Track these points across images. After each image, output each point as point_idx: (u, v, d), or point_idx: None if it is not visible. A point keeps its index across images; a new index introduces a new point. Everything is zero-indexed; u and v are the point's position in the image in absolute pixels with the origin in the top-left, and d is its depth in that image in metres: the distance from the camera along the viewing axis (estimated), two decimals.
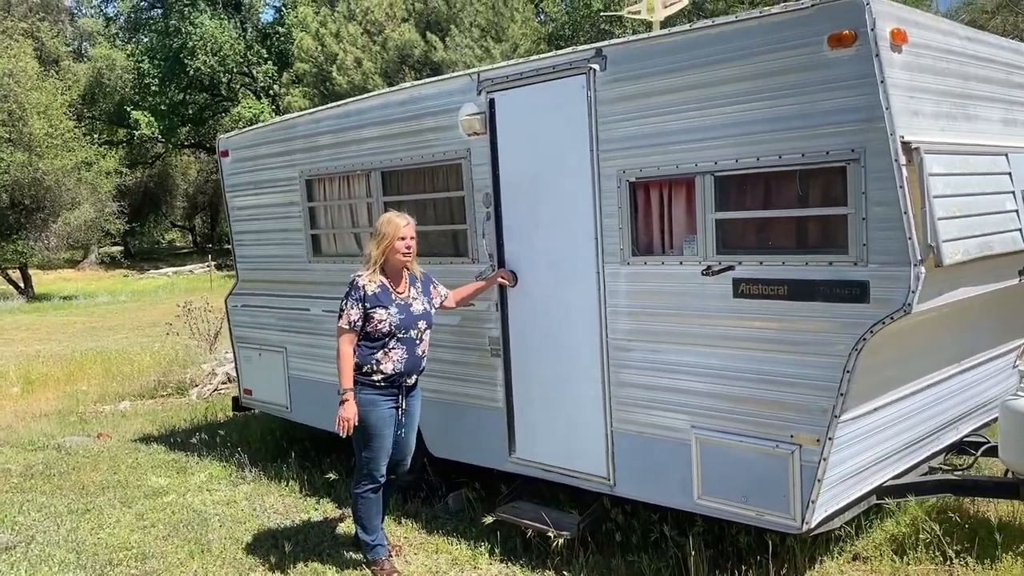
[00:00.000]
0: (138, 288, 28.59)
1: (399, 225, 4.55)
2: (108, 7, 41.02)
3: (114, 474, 6.87)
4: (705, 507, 4.14)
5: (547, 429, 4.78)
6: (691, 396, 4.14)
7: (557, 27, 26.69)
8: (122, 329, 17.36)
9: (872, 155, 3.45)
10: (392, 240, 4.52)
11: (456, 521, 5.34)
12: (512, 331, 4.92)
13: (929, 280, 3.46)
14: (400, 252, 4.53)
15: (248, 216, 6.90)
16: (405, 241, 4.53)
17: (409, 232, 4.56)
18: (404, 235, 4.53)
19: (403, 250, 4.53)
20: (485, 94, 4.84)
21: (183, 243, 50.65)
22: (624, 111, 4.22)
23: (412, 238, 4.57)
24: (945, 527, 4.38)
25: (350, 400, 4.45)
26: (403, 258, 4.55)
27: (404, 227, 4.55)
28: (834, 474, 3.79)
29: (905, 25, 3.57)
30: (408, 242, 4.55)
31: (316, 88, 23.96)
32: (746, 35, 3.75)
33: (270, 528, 5.46)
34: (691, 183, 4.03)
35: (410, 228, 4.58)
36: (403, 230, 4.54)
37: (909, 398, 4.20)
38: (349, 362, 4.48)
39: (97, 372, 11.74)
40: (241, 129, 7.45)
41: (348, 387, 4.46)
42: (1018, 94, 4.43)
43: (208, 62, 35.18)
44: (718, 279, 3.97)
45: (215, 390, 10.05)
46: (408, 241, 4.55)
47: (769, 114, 3.71)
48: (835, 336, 3.62)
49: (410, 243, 4.56)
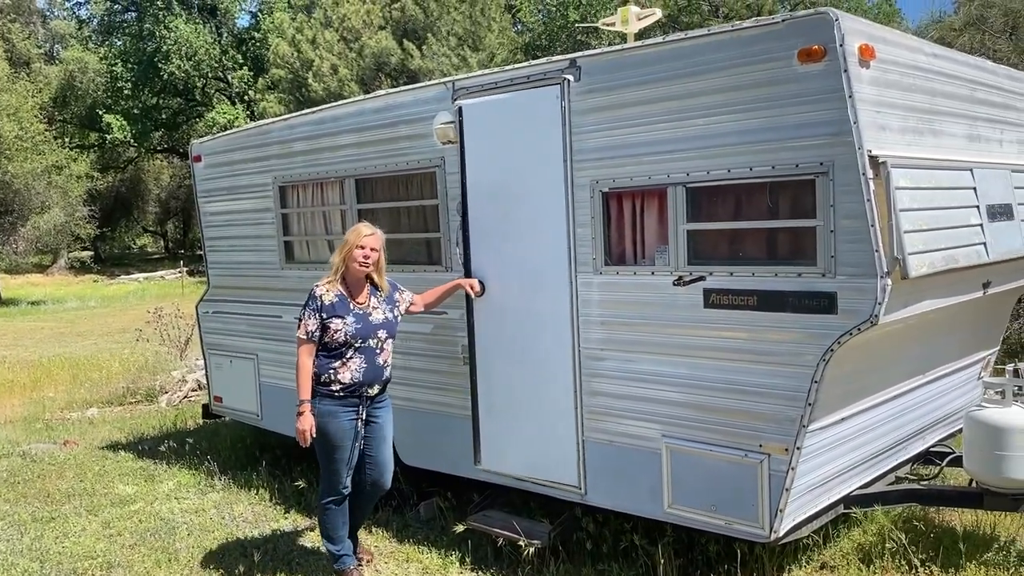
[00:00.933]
0: (108, 293, 28.21)
1: (361, 233, 4.53)
2: (81, 10, 40.59)
3: (80, 482, 6.77)
4: (675, 516, 4.16)
5: (516, 438, 4.77)
6: (662, 405, 4.16)
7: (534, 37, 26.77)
8: (91, 335, 17.13)
9: (840, 168, 3.51)
10: (351, 247, 4.50)
11: (427, 530, 5.32)
12: (479, 340, 4.89)
13: (895, 292, 3.51)
14: (357, 260, 4.49)
15: (220, 222, 6.85)
16: (364, 250, 4.49)
17: (371, 243, 4.51)
18: (364, 244, 4.49)
19: (360, 259, 4.49)
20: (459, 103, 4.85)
21: (155, 248, 50.08)
22: (598, 122, 4.25)
23: (374, 249, 4.51)
24: (911, 536, 4.44)
25: (306, 412, 4.42)
26: (359, 267, 4.50)
27: (366, 236, 4.52)
28: (802, 483, 3.84)
29: (873, 41, 3.63)
30: (367, 252, 4.49)
31: (292, 94, 23.83)
32: (718, 49, 3.80)
33: (239, 537, 5.40)
34: (663, 194, 4.06)
35: (373, 239, 4.53)
36: (364, 239, 4.51)
37: (876, 408, 4.26)
38: (307, 373, 4.45)
39: (65, 378, 11.57)
40: (215, 134, 7.40)
41: (304, 398, 4.43)
42: (982, 110, 4.52)
43: (183, 66, 34.88)
44: (689, 289, 4.01)
45: (185, 397, 9.95)
46: (367, 251, 4.49)
47: (740, 127, 3.76)
48: (803, 346, 3.67)
49: (369, 253, 4.50)
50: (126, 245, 49.81)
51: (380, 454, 4.66)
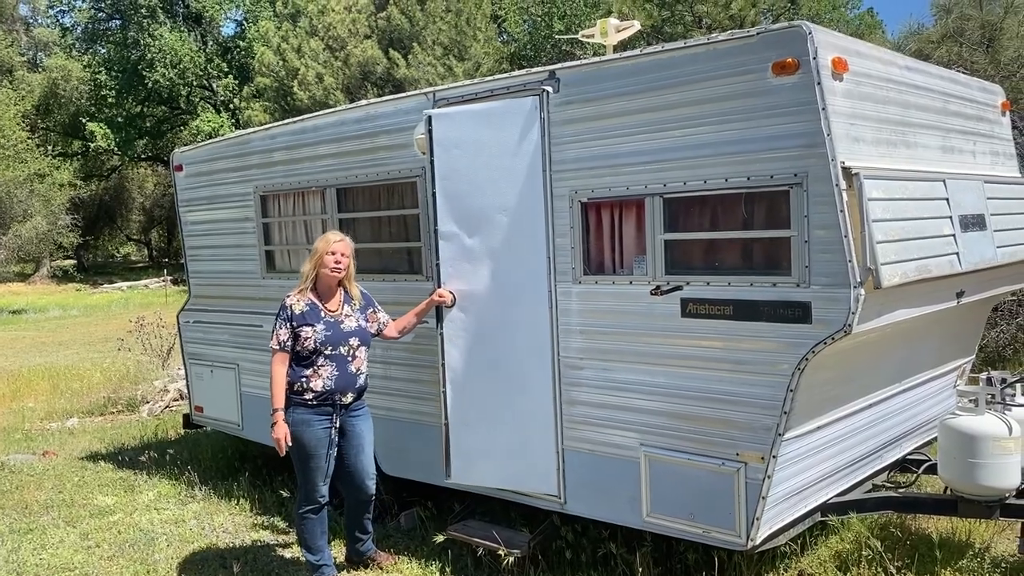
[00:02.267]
0: (91, 302, 27.99)
1: (330, 241, 4.56)
2: (65, 17, 40.37)
3: (59, 493, 6.72)
4: (653, 524, 4.18)
5: (492, 449, 4.74)
6: (640, 414, 4.19)
7: (519, 47, 26.88)
8: (73, 344, 17.00)
9: (814, 180, 3.55)
10: (322, 255, 4.53)
11: (408, 540, 5.32)
12: (450, 351, 4.81)
13: (869, 301, 3.55)
14: (328, 267, 4.52)
15: (202, 231, 6.84)
16: (335, 256, 4.52)
17: (341, 248, 4.55)
18: (334, 250, 4.53)
19: (331, 265, 4.52)
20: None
21: (139, 257, 49.80)
22: (576, 132, 4.28)
23: (344, 255, 4.55)
24: (887, 543, 4.48)
25: (279, 421, 4.44)
26: (331, 273, 4.53)
27: (335, 243, 4.55)
28: (778, 491, 3.87)
29: (846, 54, 3.68)
30: (338, 257, 4.53)
31: (277, 103, 23.80)
32: (694, 61, 3.84)
33: (219, 548, 5.38)
34: (641, 204, 4.10)
35: (343, 245, 4.56)
36: (333, 245, 4.54)
37: (852, 417, 4.30)
38: (280, 382, 4.47)
39: (45, 388, 11.48)
40: (197, 143, 7.39)
41: (278, 407, 4.45)
42: (954, 122, 4.58)
43: (167, 75, 34.78)
44: (666, 299, 4.04)
45: (167, 407, 9.89)
46: (338, 256, 4.53)
47: (716, 138, 3.80)
48: (779, 355, 3.70)
49: (340, 259, 4.53)
50: (109, 254, 49.50)
51: (359, 462, 4.67)
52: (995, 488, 4.01)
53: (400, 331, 4.84)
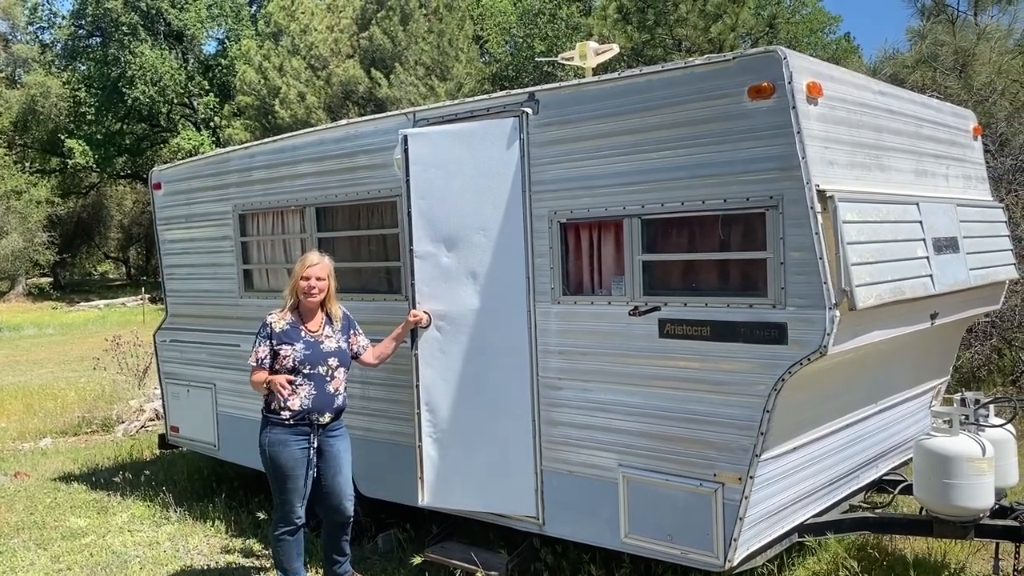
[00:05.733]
0: (67, 321, 27.66)
1: (306, 264, 4.56)
2: (44, 34, 40.19)
3: (30, 514, 6.60)
4: (632, 546, 4.17)
5: (468, 470, 4.71)
6: (619, 435, 4.19)
7: (501, 68, 27.04)
8: (47, 363, 16.77)
9: (789, 202, 3.59)
10: (296, 279, 4.55)
11: (385, 562, 5.27)
12: (424, 372, 4.76)
13: (844, 323, 3.59)
14: (302, 291, 4.53)
15: (180, 250, 6.79)
16: (309, 281, 4.52)
17: (316, 272, 4.54)
18: (308, 275, 4.52)
19: (305, 289, 4.52)
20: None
21: (116, 275, 49.29)
22: (555, 154, 4.31)
23: (319, 278, 4.54)
24: (864, 564, 4.49)
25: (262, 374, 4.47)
26: (304, 298, 4.54)
27: (310, 267, 4.54)
28: (756, 512, 3.87)
29: (821, 79, 3.74)
30: (312, 282, 4.52)
31: (258, 121, 23.79)
32: (671, 84, 3.89)
33: (193, 570, 5.31)
34: (619, 225, 4.12)
35: (319, 268, 4.56)
36: (308, 270, 4.54)
37: (829, 437, 4.32)
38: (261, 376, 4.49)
39: (18, 408, 11.30)
40: (175, 162, 7.36)
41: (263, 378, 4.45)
42: (928, 146, 4.65)
43: (147, 92, 34.65)
44: (645, 319, 4.05)
45: (143, 427, 9.77)
46: (312, 282, 4.52)
47: (693, 160, 3.84)
48: (755, 376, 3.72)
49: (315, 283, 4.53)
50: (87, 272, 48.98)
51: (336, 484, 4.63)
52: (969, 508, 4.04)
53: (378, 358, 4.81)
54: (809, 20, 24.06)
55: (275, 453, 4.44)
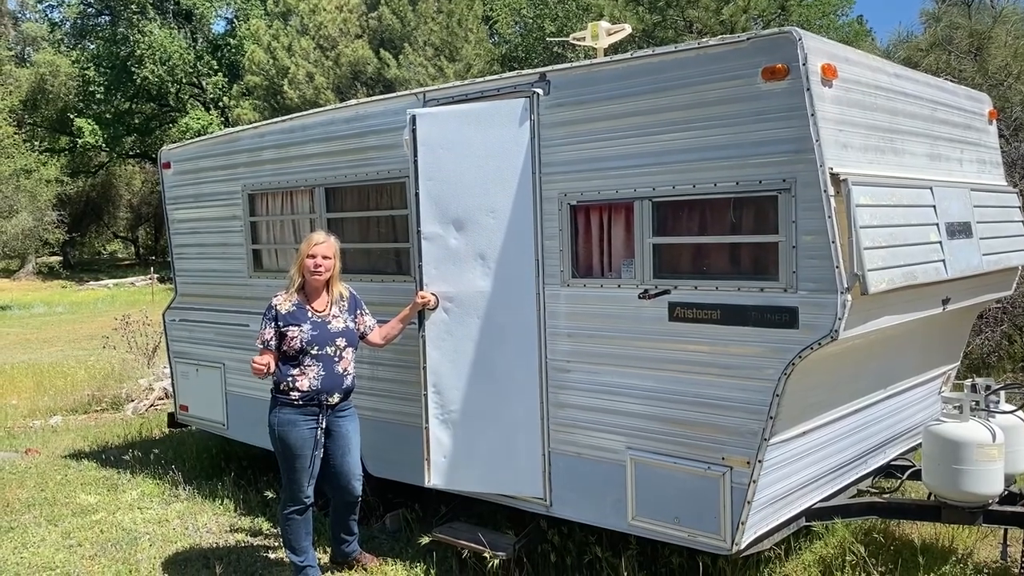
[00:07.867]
0: (76, 300, 27.82)
1: (312, 242, 4.55)
2: (53, 12, 40.09)
3: (41, 491, 6.66)
4: (639, 528, 4.18)
5: (476, 452, 4.72)
6: (627, 418, 4.18)
7: (511, 49, 26.89)
8: (57, 342, 16.88)
9: (802, 185, 3.56)
10: (302, 257, 4.53)
11: (393, 541, 5.30)
12: (431, 355, 4.75)
13: (855, 308, 3.56)
14: (308, 269, 4.51)
15: (189, 229, 6.80)
16: (315, 259, 4.51)
17: (322, 251, 4.53)
18: (314, 252, 4.52)
19: (311, 267, 4.51)
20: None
21: (125, 255, 49.47)
22: (566, 135, 4.28)
23: (326, 257, 4.53)
24: (871, 549, 4.49)
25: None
26: (310, 276, 4.53)
27: (315, 246, 4.53)
28: (764, 496, 3.87)
29: (836, 61, 3.69)
30: (318, 260, 4.51)
31: (266, 101, 23.74)
32: (684, 66, 3.85)
33: (202, 548, 5.35)
34: (630, 208, 4.10)
35: (325, 247, 4.54)
36: (314, 248, 4.53)
37: (838, 422, 4.31)
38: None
39: (28, 386, 11.39)
40: (185, 141, 7.35)
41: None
42: (942, 130, 4.60)
43: (156, 71, 34.62)
44: (654, 303, 4.04)
45: (152, 406, 9.84)
46: (318, 260, 4.51)
47: (705, 143, 3.80)
48: (765, 360, 3.70)
49: (321, 262, 4.51)
50: (96, 251, 49.16)
51: (345, 463, 4.65)
52: (978, 494, 4.03)
53: (384, 338, 4.81)
54: (821, 2, 23.78)
55: (284, 433, 4.46)
